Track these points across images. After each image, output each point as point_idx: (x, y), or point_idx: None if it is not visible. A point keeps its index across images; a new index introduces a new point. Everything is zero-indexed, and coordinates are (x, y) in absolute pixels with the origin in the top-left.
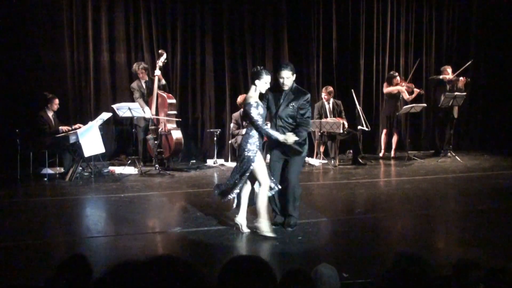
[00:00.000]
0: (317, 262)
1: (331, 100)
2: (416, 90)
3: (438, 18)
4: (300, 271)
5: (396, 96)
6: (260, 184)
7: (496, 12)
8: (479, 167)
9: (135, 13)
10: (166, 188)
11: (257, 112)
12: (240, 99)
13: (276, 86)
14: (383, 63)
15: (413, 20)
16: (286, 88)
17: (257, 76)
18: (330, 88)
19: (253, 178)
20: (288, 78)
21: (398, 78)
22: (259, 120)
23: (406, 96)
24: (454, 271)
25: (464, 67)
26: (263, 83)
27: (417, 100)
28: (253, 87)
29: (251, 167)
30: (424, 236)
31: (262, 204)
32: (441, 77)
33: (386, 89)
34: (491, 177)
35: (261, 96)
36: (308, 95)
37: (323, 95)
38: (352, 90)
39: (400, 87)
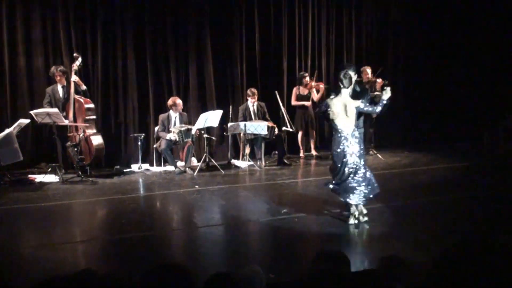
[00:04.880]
0: (244, 264)
1: (255, 102)
2: (322, 87)
3: (357, 20)
4: (224, 274)
5: (307, 97)
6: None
7: (413, 13)
8: (400, 164)
9: (53, 15)
10: (89, 196)
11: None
12: (171, 101)
13: None
14: (306, 65)
15: (334, 22)
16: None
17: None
18: (254, 90)
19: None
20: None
21: (307, 78)
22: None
23: (314, 96)
24: (379, 266)
25: (377, 73)
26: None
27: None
28: (348, 91)
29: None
30: (347, 233)
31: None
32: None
33: (293, 102)
34: (411, 173)
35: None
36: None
37: (248, 97)
38: (276, 91)
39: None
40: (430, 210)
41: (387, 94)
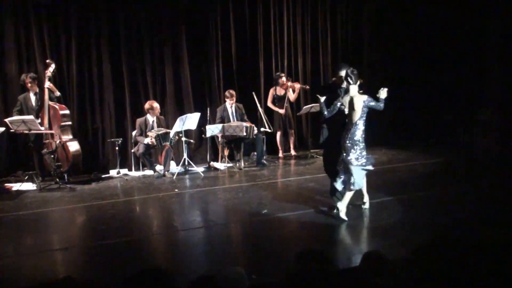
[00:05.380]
0: (226, 266)
1: (234, 104)
2: (297, 87)
3: (332, 20)
4: (207, 277)
5: (283, 97)
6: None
7: (385, 12)
8: (378, 161)
9: (25, 21)
10: (68, 203)
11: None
12: (147, 105)
13: None
14: (282, 65)
15: (309, 22)
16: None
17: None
18: (233, 92)
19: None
20: None
21: (283, 78)
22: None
23: (290, 96)
24: (362, 263)
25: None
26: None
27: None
28: (356, 87)
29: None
30: (330, 231)
31: (350, 193)
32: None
33: (269, 104)
34: (390, 170)
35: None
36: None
37: (227, 99)
38: (253, 92)
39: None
40: (410, 206)
41: (384, 93)
